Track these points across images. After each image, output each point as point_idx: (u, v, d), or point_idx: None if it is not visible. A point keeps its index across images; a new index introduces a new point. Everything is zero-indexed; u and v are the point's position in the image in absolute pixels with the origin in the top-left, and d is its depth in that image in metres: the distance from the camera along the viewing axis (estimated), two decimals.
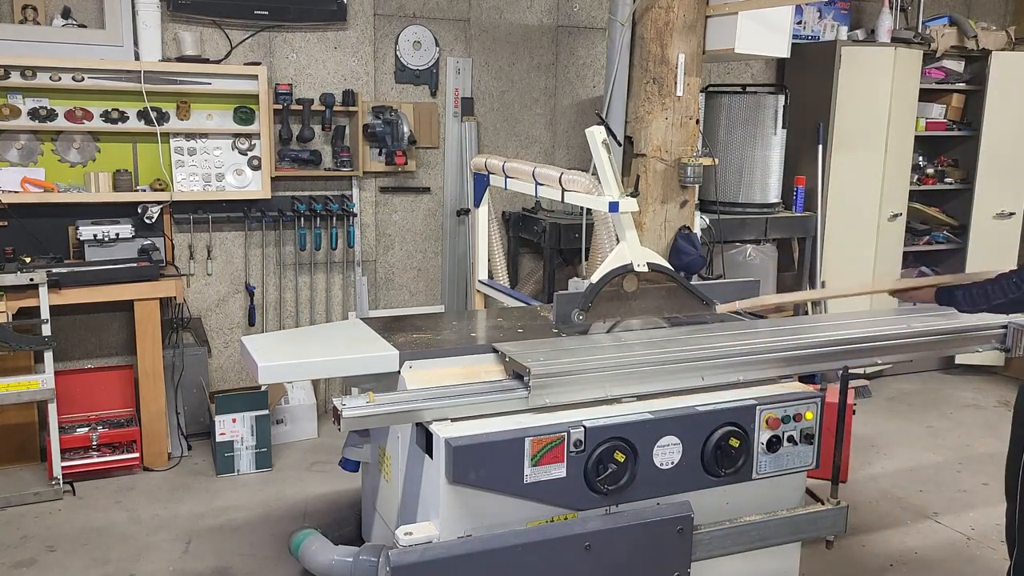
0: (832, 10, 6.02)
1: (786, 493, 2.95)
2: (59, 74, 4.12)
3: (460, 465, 2.45)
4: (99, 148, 4.35)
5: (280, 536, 3.61)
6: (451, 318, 3.59)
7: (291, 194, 4.79)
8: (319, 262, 4.94)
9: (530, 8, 5.23)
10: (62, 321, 4.36)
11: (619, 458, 2.60)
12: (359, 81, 4.87)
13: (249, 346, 2.85)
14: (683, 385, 2.85)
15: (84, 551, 3.52)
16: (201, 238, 4.68)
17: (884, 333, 3.23)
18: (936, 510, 4.07)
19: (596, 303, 3.07)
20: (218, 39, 4.56)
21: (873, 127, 5.52)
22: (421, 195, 5.13)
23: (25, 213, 4.16)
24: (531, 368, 2.64)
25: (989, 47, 5.98)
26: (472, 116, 5.13)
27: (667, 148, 4.41)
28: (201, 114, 4.46)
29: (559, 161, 5.37)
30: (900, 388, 5.83)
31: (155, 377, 4.23)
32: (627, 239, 3.12)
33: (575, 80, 5.42)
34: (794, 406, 2.87)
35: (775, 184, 5.41)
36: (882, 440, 4.91)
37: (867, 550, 3.67)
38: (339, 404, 2.53)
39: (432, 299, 5.27)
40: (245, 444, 4.28)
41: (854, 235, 5.61)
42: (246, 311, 4.83)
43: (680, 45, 4.33)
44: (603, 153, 3.14)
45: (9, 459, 4.23)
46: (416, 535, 2.49)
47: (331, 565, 2.93)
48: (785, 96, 5.29)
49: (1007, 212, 6.03)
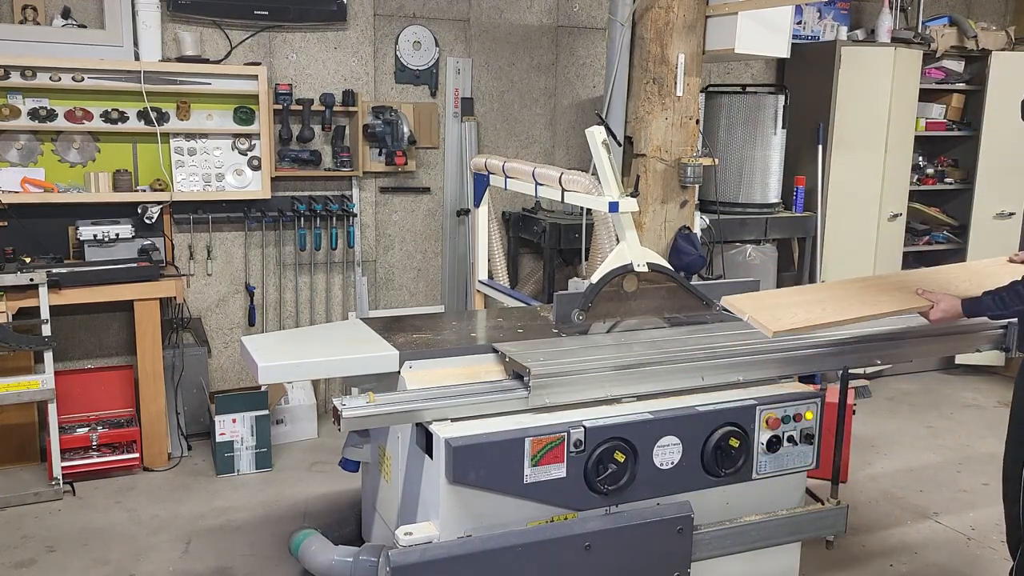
0: (832, 10, 6.02)
1: (786, 493, 2.96)
2: (59, 74, 4.12)
3: (460, 465, 2.45)
4: (99, 148, 4.35)
5: (280, 536, 3.61)
6: (451, 318, 3.59)
7: (291, 194, 4.79)
8: (319, 262, 4.94)
9: (530, 8, 5.24)
10: (62, 321, 4.36)
11: (619, 458, 2.60)
12: (359, 81, 4.87)
13: (249, 346, 2.85)
14: (683, 385, 2.85)
15: (84, 551, 3.52)
16: (201, 238, 4.68)
17: (884, 333, 3.23)
18: (936, 510, 4.07)
19: (596, 303, 3.07)
20: (218, 39, 4.56)
21: (873, 127, 5.52)
22: (421, 195, 5.13)
23: (25, 213, 4.16)
24: (531, 368, 2.65)
25: (989, 47, 5.98)
26: (472, 116, 5.13)
27: (667, 148, 4.41)
28: (201, 114, 4.46)
29: (559, 161, 5.37)
30: (900, 388, 5.83)
31: (155, 377, 4.23)
32: (627, 239, 3.12)
33: (575, 80, 5.42)
34: (794, 406, 2.87)
35: (775, 184, 5.41)
36: (882, 440, 4.91)
37: (867, 550, 3.67)
38: (339, 404, 2.53)
39: (432, 299, 5.27)
40: (245, 444, 4.28)
41: (854, 235, 5.61)
42: (246, 311, 4.83)
43: (680, 45, 4.33)
44: (603, 153, 3.14)
45: (9, 459, 4.23)
46: (416, 535, 2.50)
47: (331, 565, 2.93)
48: (785, 96, 5.29)
49: (1007, 212, 6.03)
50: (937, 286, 3.02)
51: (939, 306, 2.87)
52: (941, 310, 2.87)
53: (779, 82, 5.87)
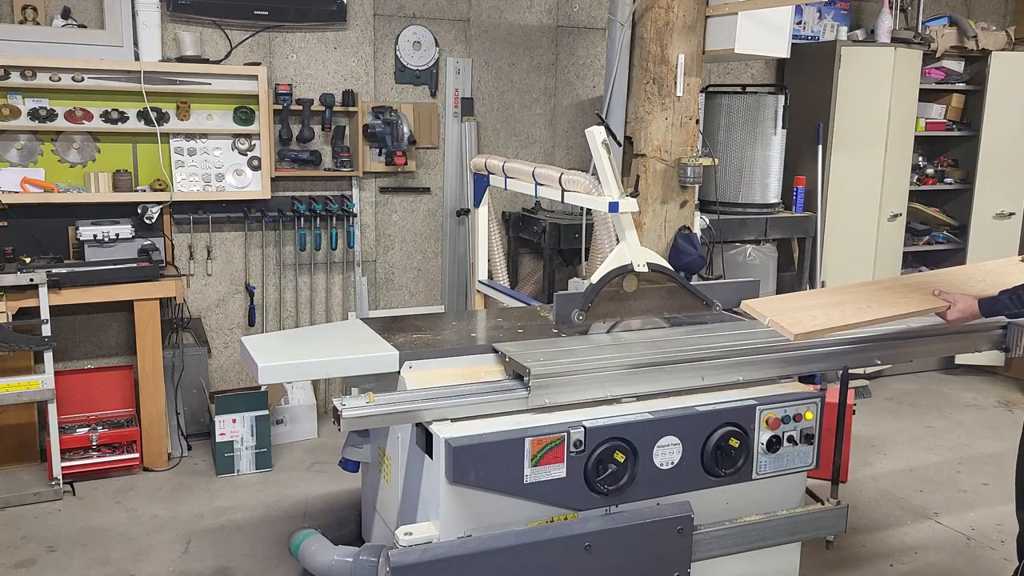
0: (832, 10, 6.02)
1: (786, 493, 2.96)
2: (59, 74, 4.12)
3: (460, 465, 2.45)
4: (99, 148, 4.35)
5: (280, 536, 3.61)
6: (451, 318, 3.59)
7: (291, 194, 4.79)
8: (319, 262, 4.94)
9: (530, 8, 5.24)
10: (62, 321, 4.36)
11: (619, 458, 2.60)
12: (359, 81, 4.87)
13: (249, 346, 2.85)
14: (683, 385, 2.85)
15: (84, 551, 3.52)
16: (201, 238, 4.68)
17: (884, 333, 3.23)
18: (936, 510, 4.07)
19: (596, 303, 3.07)
20: (218, 39, 4.56)
21: (873, 127, 5.52)
22: (421, 195, 5.13)
23: (25, 213, 4.16)
24: (531, 368, 2.65)
25: (989, 47, 5.98)
26: (472, 116, 5.13)
27: (667, 148, 4.41)
28: (201, 114, 4.46)
29: (559, 161, 5.37)
30: (900, 388, 5.83)
31: (155, 377, 4.23)
32: (627, 239, 3.12)
33: (575, 80, 5.42)
34: (794, 406, 2.87)
35: (775, 184, 5.41)
36: (882, 440, 4.91)
37: (867, 550, 3.67)
38: (339, 404, 2.53)
39: (432, 299, 5.27)
40: (245, 444, 4.28)
41: (854, 235, 5.61)
42: (246, 311, 4.83)
43: (680, 45, 4.33)
44: (603, 153, 3.14)
45: (9, 459, 4.23)
46: (416, 535, 2.49)
47: (331, 565, 2.93)
48: (785, 96, 5.28)
49: (1007, 212, 6.03)
50: (952, 287, 3.03)
51: (956, 306, 2.89)
52: (958, 310, 2.89)
53: (779, 82, 5.87)
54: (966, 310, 2.88)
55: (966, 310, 2.88)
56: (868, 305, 2.94)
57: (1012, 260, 3.39)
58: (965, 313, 2.89)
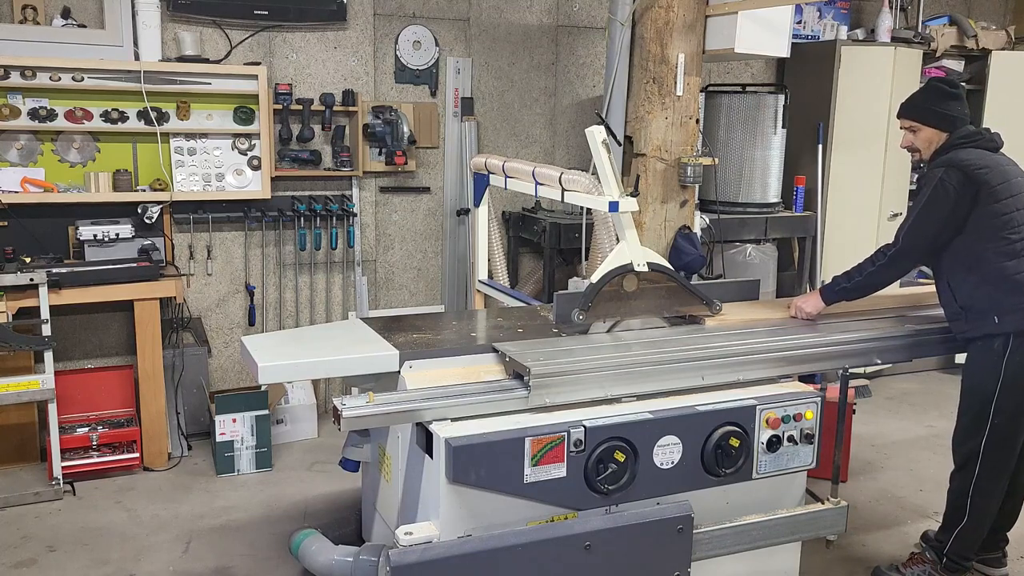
0: (832, 10, 6.02)
1: (786, 493, 2.96)
2: (59, 74, 4.12)
3: (460, 465, 2.45)
4: (99, 148, 4.34)
5: (280, 536, 3.61)
6: (451, 318, 3.59)
7: (291, 194, 4.79)
8: (319, 262, 4.94)
9: (530, 8, 5.23)
10: (62, 321, 4.36)
11: (619, 458, 2.60)
12: (359, 81, 4.87)
13: (249, 346, 2.85)
14: (683, 385, 2.86)
15: (84, 551, 3.52)
16: (201, 238, 4.68)
17: (884, 333, 3.23)
18: (936, 510, 4.06)
19: (596, 303, 3.07)
20: (218, 39, 4.56)
21: (873, 127, 5.52)
22: (421, 195, 5.13)
23: (25, 213, 4.16)
24: (531, 368, 2.65)
25: (989, 47, 5.98)
26: (472, 116, 5.13)
27: (667, 148, 4.41)
28: (201, 114, 4.46)
29: (559, 161, 5.37)
30: (900, 388, 5.83)
31: (155, 377, 4.23)
32: (627, 239, 3.12)
33: (575, 80, 5.42)
34: (794, 406, 2.87)
35: (775, 184, 5.41)
36: (882, 440, 4.90)
37: (867, 550, 3.67)
38: (339, 404, 2.53)
39: (432, 299, 5.27)
40: (245, 444, 4.28)
41: (854, 235, 5.60)
42: (246, 311, 4.83)
43: (680, 45, 4.33)
44: (603, 153, 3.14)
45: (9, 459, 4.23)
46: (416, 535, 2.50)
47: (331, 565, 2.93)
48: (785, 96, 5.28)
49: None
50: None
51: (803, 308, 3.34)
52: (805, 301, 3.36)
53: (779, 82, 5.87)
54: (810, 298, 3.35)
55: (810, 298, 3.35)
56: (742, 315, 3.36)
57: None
58: (809, 301, 3.34)
